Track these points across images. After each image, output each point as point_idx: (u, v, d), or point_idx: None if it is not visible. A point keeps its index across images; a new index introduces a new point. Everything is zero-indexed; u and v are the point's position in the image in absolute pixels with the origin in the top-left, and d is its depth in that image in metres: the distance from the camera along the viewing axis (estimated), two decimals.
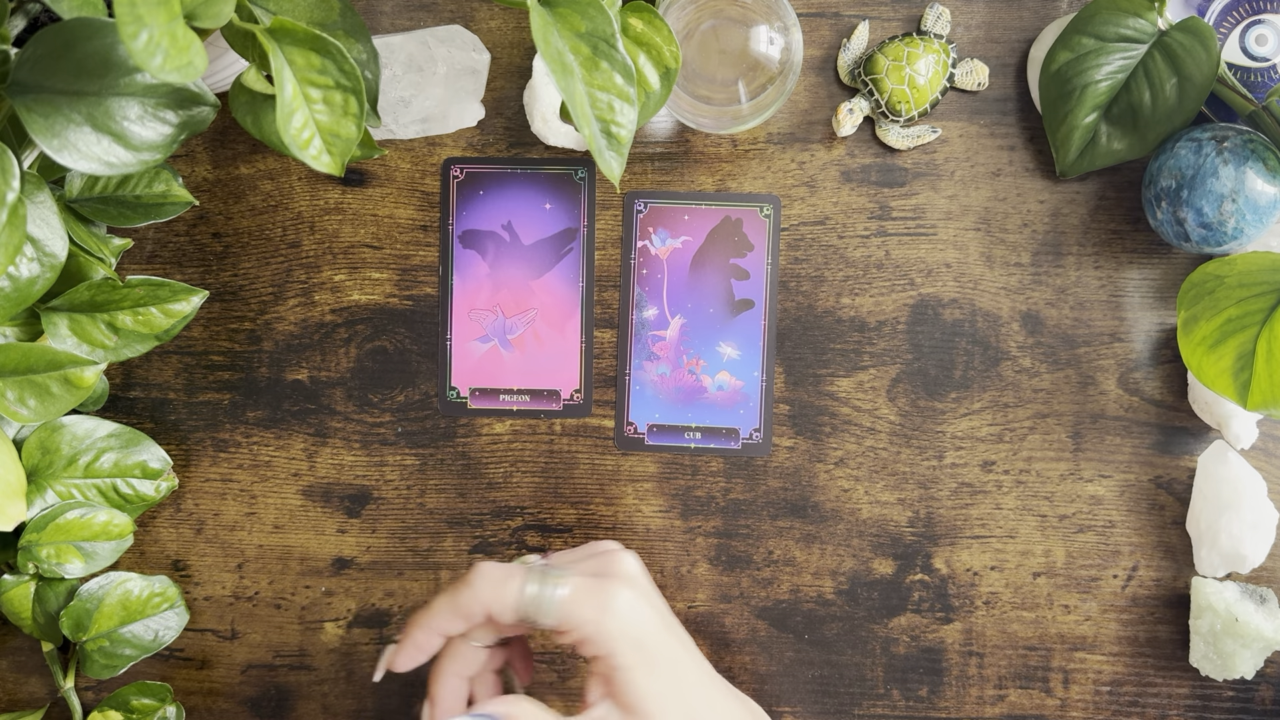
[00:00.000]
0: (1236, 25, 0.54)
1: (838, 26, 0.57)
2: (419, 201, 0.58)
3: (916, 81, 0.55)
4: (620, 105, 0.44)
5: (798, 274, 0.57)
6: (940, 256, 0.57)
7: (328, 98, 0.41)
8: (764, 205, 0.57)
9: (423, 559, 0.58)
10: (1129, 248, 0.57)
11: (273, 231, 0.58)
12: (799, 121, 0.57)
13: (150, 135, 0.41)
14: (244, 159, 0.58)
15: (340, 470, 0.58)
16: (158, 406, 0.59)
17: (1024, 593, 0.57)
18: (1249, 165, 0.49)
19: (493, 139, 0.58)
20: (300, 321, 0.58)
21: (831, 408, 0.57)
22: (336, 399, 0.58)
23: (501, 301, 0.58)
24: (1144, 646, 0.56)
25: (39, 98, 0.38)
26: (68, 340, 0.50)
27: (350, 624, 0.58)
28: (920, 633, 0.57)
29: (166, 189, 0.53)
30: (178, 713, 0.58)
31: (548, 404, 0.58)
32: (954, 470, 0.57)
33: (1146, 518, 0.56)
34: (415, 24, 0.58)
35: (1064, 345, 0.57)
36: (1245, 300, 0.49)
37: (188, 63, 0.35)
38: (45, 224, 0.43)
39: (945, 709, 0.57)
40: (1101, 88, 0.53)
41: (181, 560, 0.59)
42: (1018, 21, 0.57)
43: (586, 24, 0.42)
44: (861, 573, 0.57)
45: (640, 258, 0.58)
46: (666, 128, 0.58)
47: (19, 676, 0.59)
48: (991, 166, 0.57)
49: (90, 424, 0.55)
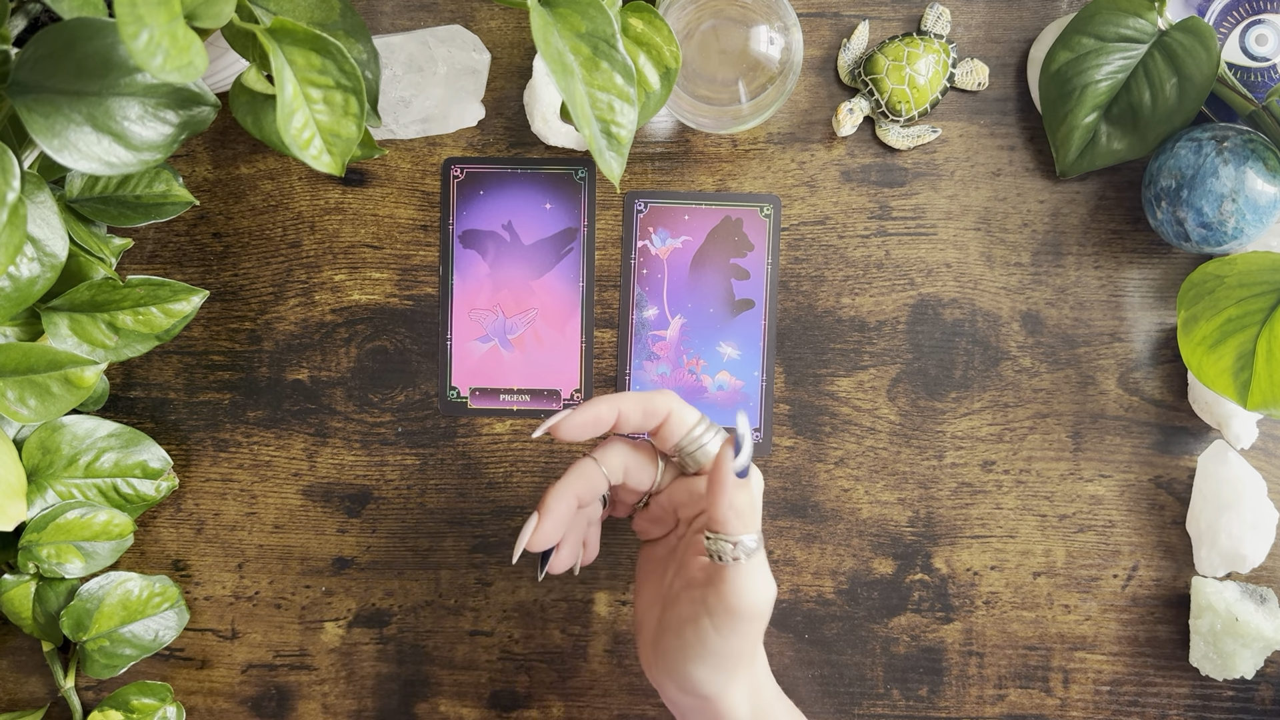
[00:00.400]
0: (1236, 25, 0.54)
1: (838, 26, 0.57)
2: (419, 201, 0.58)
3: (916, 81, 0.55)
4: (620, 105, 0.44)
5: (798, 274, 0.57)
6: (940, 256, 0.57)
7: (328, 98, 0.41)
8: (764, 205, 0.57)
9: (423, 559, 0.58)
10: (1129, 248, 0.57)
11: (273, 231, 0.58)
12: (799, 121, 0.57)
13: (150, 135, 0.41)
14: (244, 159, 0.58)
15: (340, 470, 0.58)
16: (158, 406, 0.59)
17: (1024, 592, 0.57)
18: (1249, 165, 0.49)
19: (493, 139, 0.58)
20: (300, 321, 0.58)
21: (831, 408, 0.57)
22: (337, 399, 0.58)
23: (502, 301, 0.58)
24: (1144, 646, 0.56)
25: (39, 98, 0.38)
26: (68, 340, 0.50)
27: (350, 624, 0.58)
28: (920, 632, 0.57)
29: (167, 189, 0.53)
30: (178, 713, 0.58)
31: (548, 404, 0.58)
32: (954, 470, 0.57)
33: (1146, 518, 0.56)
34: (415, 24, 0.58)
35: (1064, 345, 0.57)
36: (1245, 300, 0.49)
37: (188, 63, 0.35)
38: (45, 224, 0.43)
39: (945, 709, 0.57)
40: (1101, 88, 0.53)
41: (181, 560, 0.59)
42: (1018, 21, 0.57)
43: (587, 24, 0.42)
44: (861, 572, 0.57)
45: (640, 258, 0.58)
46: (666, 128, 0.58)
47: (19, 676, 0.59)
48: (991, 166, 0.57)
49: (90, 424, 0.55)
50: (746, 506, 0.43)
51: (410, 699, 0.58)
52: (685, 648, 0.44)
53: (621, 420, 0.45)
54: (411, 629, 0.58)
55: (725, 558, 0.42)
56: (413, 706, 0.58)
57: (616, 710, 0.58)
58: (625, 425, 0.45)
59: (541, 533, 0.45)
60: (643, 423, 0.45)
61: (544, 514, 0.45)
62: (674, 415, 0.45)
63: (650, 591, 0.49)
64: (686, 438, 0.45)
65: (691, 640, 0.44)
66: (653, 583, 0.49)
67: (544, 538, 0.45)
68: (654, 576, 0.49)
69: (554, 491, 0.46)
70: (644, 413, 0.45)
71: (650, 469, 0.48)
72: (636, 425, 0.45)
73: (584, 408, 0.45)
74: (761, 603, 0.43)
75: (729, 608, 0.42)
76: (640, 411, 0.45)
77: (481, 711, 0.58)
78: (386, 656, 0.58)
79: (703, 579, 0.44)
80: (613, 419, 0.45)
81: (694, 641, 0.44)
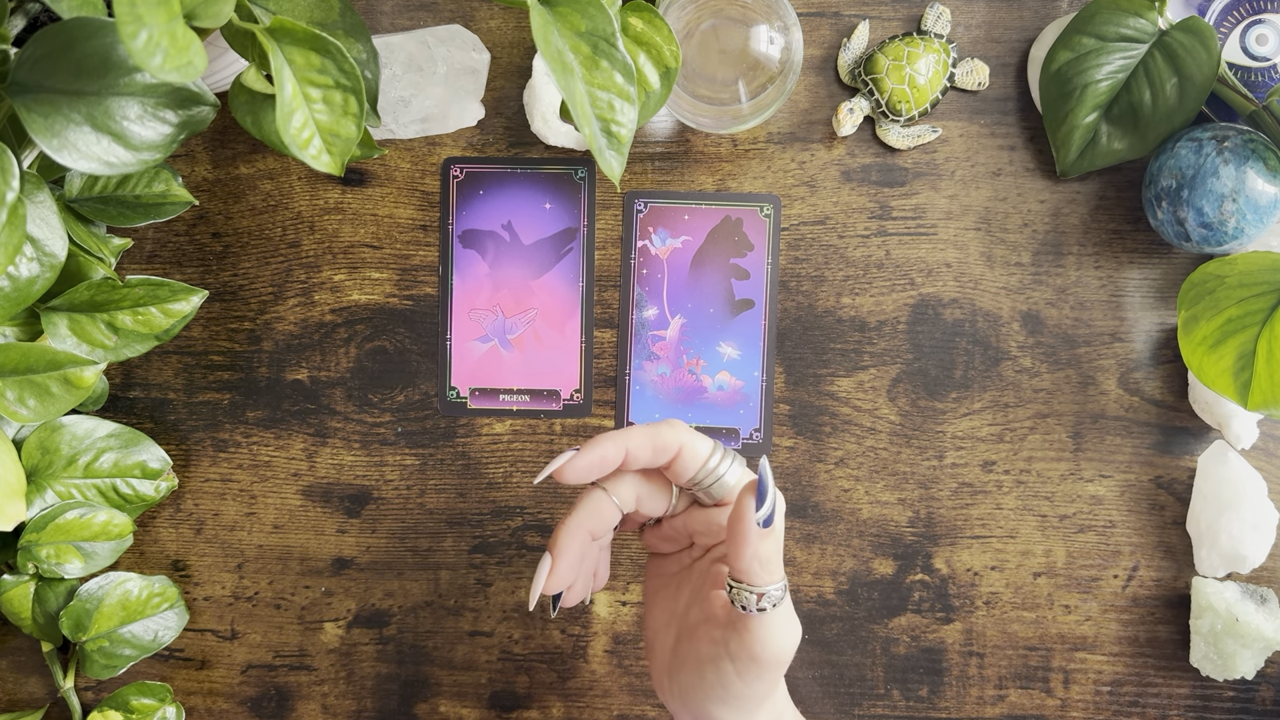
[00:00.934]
0: (1237, 25, 0.54)
1: (838, 26, 0.57)
2: (419, 201, 0.58)
3: (917, 81, 0.55)
4: (620, 104, 0.44)
5: (798, 274, 0.57)
6: (940, 256, 0.57)
7: (327, 97, 0.41)
8: (764, 205, 0.57)
9: (423, 559, 0.58)
10: (1129, 248, 0.57)
11: (272, 231, 0.58)
12: (799, 121, 0.57)
13: (150, 135, 0.41)
14: (244, 159, 0.58)
15: (340, 470, 0.58)
16: (158, 406, 0.59)
17: (1024, 593, 0.57)
18: (1249, 165, 0.49)
19: (493, 139, 0.58)
20: (300, 321, 0.58)
21: (832, 408, 0.57)
22: (336, 399, 0.58)
23: (501, 301, 0.58)
24: (1144, 646, 0.56)
25: (39, 97, 0.38)
26: (67, 340, 0.50)
27: (350, 624, 0.58)
28: (920, 633, 0.57)
29: (166, 189, 0.53)
30: (177, 713, 0.58)
31: (548, 404, 0.58)
32: (954, 470, 0.57)
33: (1147, 518, 0.56)
34: (415, 24, 0.58)
35: (1064, 345, 0.57)
36: (1246, 300, 0.49)
37: (187, 62, 0.35)
38: (45, 224, 0.43)
39: (945, 709, 0.57)
40: (1102, 87, 0.53)
41: (181, 560, 0.59)
42: (1018, 21, 0.57)
43: (586, 23, 0.42)
44: (862, 573, 0.57)
45: (640, 257, 0.58)
46: (666, 127, 0.57)
47: (19, 676, 0.59)
48: (992, 166, 0.57)
49: (90, 424, 0.55)
50: (772, 555, 0.40)
51: (410, 699, 0.58)
52: (705, 688, 0.42)
53: (629, 459, 0.42)
54: (411, 629, 0.58)
55: (750, 609, 0.40)
56: (412, 707, 0.58)
57: (616, 710, 0.58)
58: (634, 464, 0.42)
59: (556, 576, 0.42)
60: (652, 460, 0.42)
61: (557, 555, 0.42)
62: (686, 449, 0.42)
63: (663, 611, 0.46)
64: (702, 471, 0.42)
65: (712, 682, 0.42)
66: (665, 601, 0.47)
67: (559, 580, 0.42)
68: (666, 594, 0.47)
69: (565, 529, 0.43)
70: (653, 450, 0.42)
71: (664, 496, 0.44)
72: (646, 463, 0.42)
73: (589, 448, 0.42)
74: (787, 650, 0.41)
75: (753, 655, 0.40)
76: (649, 449, 0.42)
77: (481, 712, 0.58)
78: (386, 657, 0.58)
79: (724, 618, 0.42)
80: (619, 459, 0.42)
81: (715, 683, 0.41)
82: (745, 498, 0.39)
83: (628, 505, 0.43)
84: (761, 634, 0.40)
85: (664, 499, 0.44)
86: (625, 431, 0.42)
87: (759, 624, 0.40)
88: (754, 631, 0.40)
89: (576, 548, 0.42)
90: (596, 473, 0.42)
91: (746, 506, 0.39)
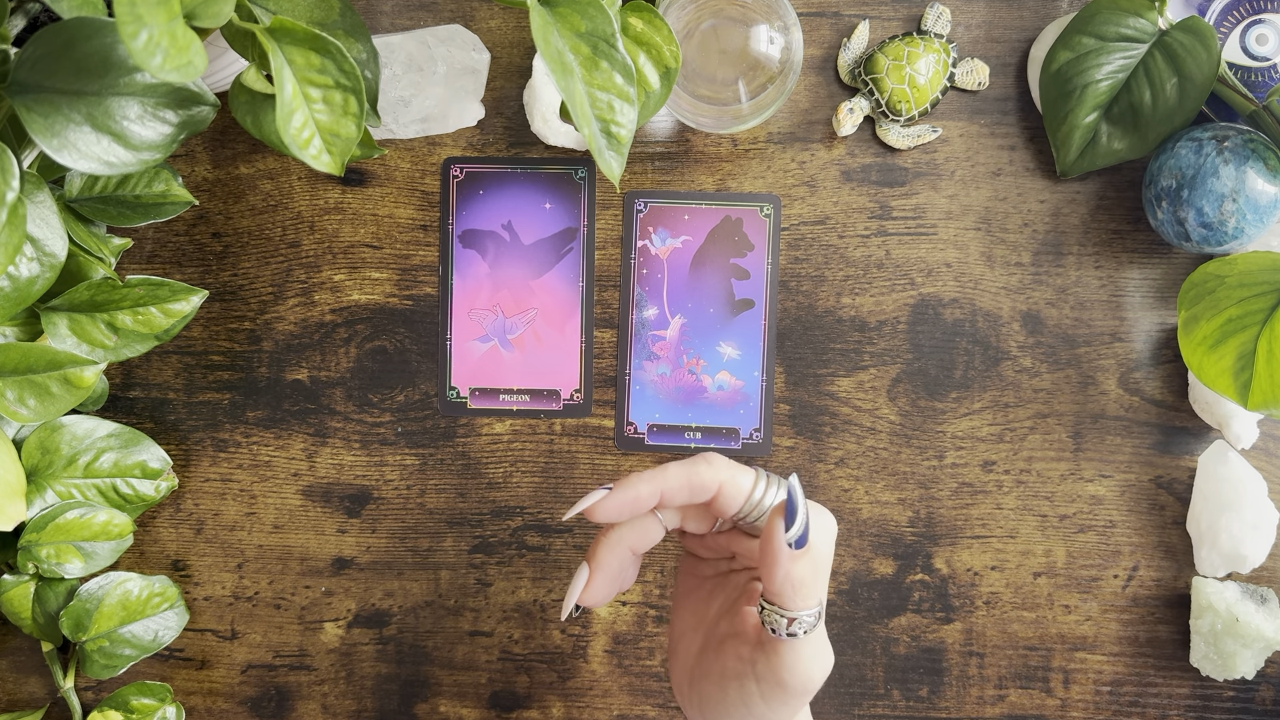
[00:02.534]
0: (1237, 25, 0.54)
1: (838, 26, 0.57)
2: (419, 201, 0.58)
3: (917, 81, 0.55)
4: (620, 105, 0.44)
5: (798, 274, 0.57)
6: (940, 256, 0.57)
7: (327, 97, 0.41)
8: (764, 205, 0.57)
9: (423, 559, 0.58)
10: (1129, 247, 0.57)
11: (272, 231, 0.58)
12: (799, 121, 0.57)
13: (150, 135, 0.41)
14: (244, 159, 0.58)
15: (340, 470, 0.58)
16: (158, 406, 0.59)
17: (1024, 593, 0.57)
18: (1249, 165, 0.49)
19: (493, 139, 0.58)
20: (300, 321, 0.58)
21: (832, 408, 0.57)
22: (336, 399, 0.58)
23: (501, 301, 0.58)
24: (1144, 646, 0.56)
25: (39, 97, 0.38)
26: (67, 340, 0.50)
27: (350, 624, 0.58)
28: (920, 633, 0.57)
29: (166, 189, 0.53)
30: (177, 713, 0.58)
31: (548, 404, 0.58)
32: (954, 470, 0.57)
33: (1147, 518, 0.56)
34: (415, 24, 0.58)
35: (1064, 345, 0.57)
36: (1246, 300, 0.49)
37: (187, 62, 0.35)
38: (45, 223, 0.43)
39: (945, 709, 0.57)
40: (1102, 87, 0.53)
41: (181, 560, 0.59)
42: (1018, 21, 0.57)
43: (586, 23, 0.42)
44: (862, 573, 0.57)
45: (640, 257, 0.58)
46: (666, 127, 0.57)
47: (19, 676, 0.59)
48: (992, 166, 0.57)
49: (90, 424, 0.55)
50: (806, 577, 0.38)
51: (410, 699, 0.58)
52: (727, 704, 0.40)
53: (666, 499, 0.40)
54: (411, 629, 0.58)
55: (780, 632, 0.38)
56: (412, 707, 0.58)
57: (616, 710, 0.58)
58: (670, 504, 0.40)
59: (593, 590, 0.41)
60: (690, 499, 0.40)
61: (595, 569, 0.40)
62: (727, 486, 0.39)
63: (691, 615, 0.44)
64: (746, 505, 0.40)
65: (735, 700, 0.40)
66: (695, 605, 0.45)
67: (596, 595, 0.41)
68: (697, 597, 0.45)
69: (606, 543, 0.41)
70: (691, 490, 0.39)
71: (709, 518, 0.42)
72: (684, 502, 0.40)
73: (622, 488, 0.39)
74: (816, 679, 0.39)
75: (779, 681, 0.39)
76: (687, 489, 0.39)
77: (481, 712, 0.58)
78: (386, 657, 0.58)
79: (754, 637, 0.40)
80: (654, 501, 0.40)
81: (737, 701, 0.40)
82: (775, 519, 0.38)
83: (671, 522, 0.42)
84: (790, 660, 0.38)
85: (708, 520, 0.43)
86: (662, 470, 0.40)
87: (788, 649, 0.38)
88: (783, 656, 0.38)
89: (615, 563, 0.41)
90: (629, 513, 0.40)
91: (776, 527, 0.37)
